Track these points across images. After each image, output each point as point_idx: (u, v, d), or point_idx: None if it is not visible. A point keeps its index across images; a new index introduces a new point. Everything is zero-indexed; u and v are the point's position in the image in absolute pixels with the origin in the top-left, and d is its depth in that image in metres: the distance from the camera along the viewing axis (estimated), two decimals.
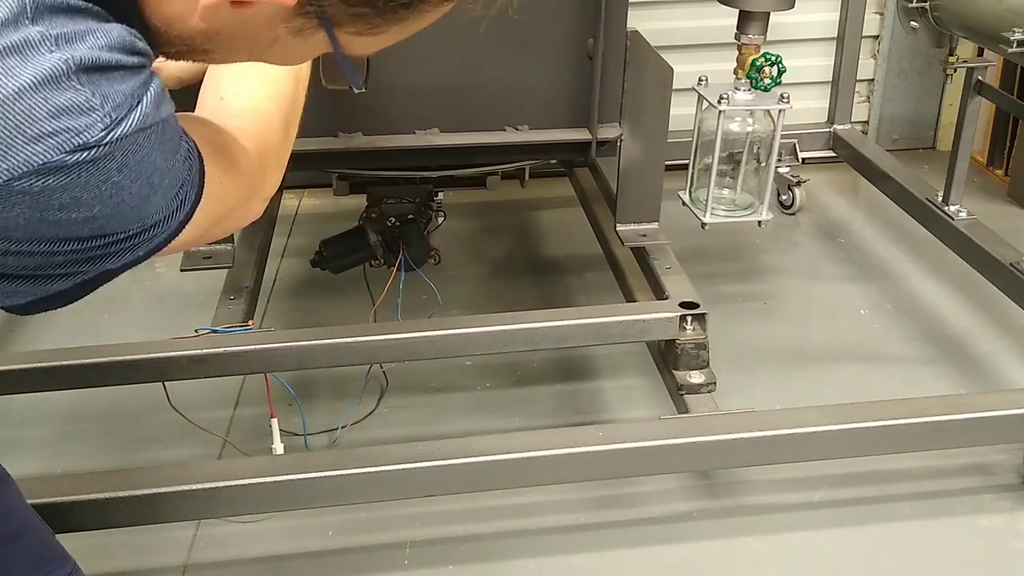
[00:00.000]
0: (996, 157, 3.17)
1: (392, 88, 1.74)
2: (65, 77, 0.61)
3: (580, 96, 1.81)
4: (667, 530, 1.74)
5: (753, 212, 2.10)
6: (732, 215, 2.10)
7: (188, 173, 0.74)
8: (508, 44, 1.75)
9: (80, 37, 0.63)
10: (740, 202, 2.11)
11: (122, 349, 1.72)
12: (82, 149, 0.62)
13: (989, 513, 1.77)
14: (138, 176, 0.67)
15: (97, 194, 0.65)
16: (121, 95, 0.64)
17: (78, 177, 0.63)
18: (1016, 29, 1.92)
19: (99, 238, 0.69)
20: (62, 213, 0.64)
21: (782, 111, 1.98)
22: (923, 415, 1.64)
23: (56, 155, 0.62)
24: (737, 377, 2.01)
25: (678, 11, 2.97)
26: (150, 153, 0.67)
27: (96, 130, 0.63)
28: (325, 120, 1.75)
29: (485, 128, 1.82)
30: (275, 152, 0.98)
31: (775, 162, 2.05)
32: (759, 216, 2.08)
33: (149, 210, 0.70)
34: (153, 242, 0.73)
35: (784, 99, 1.97)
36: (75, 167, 0.63)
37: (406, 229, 2.11)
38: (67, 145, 0.62)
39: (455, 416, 2.05)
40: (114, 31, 0.65)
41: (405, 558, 1.69)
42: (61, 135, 0.62)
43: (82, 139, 0.62)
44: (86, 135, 0.62)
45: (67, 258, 0.69)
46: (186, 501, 1.49)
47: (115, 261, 0.72)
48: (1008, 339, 2.26)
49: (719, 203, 2.08)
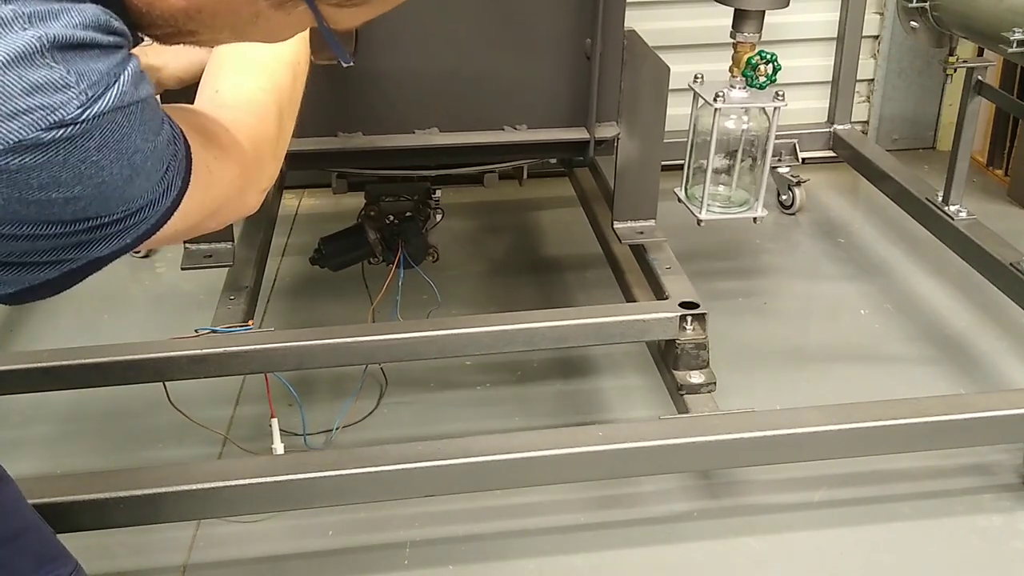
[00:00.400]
0: (996, 157, 3.17)
1: (391, 87, 1.75)
2: (39, 54, 0.61)
3: (578, 95, 1.81)
4: (667, 530, 1.74)
5: (748, 209, 2.11)
6: (728, 212, 2.12)
7: (173, 158, 0.73)
8: (507, 44, 1.76)
9: (54, 15, 0.63)
10: (735, 199, 2.12)
11: (122, 349, 1.72)
12: (58, 126, 0.62)
13: (989, 513, 1.77)
14: (118, 156, 0.66)
15: (76, 173, 0.65)
16: (97, 73, 0.64)
17: (55, 155, 0.63)
18: (1016, 29, 1.92)
19: (83, 221, 0.68)
20: (41, 193, 0.64)
21: (777, 108, 1.98)
22: (923, 415, 1.64)
23: (31, 132, 0.61)
24: (737, 377, 2.01)
25: (675, 11, 2.98)
26: (130, 133, 0.67)
27: (72, 107, 0.62)
28: (325, 120, 1.76)
29: (484, 127, 1.82)
30: (271, 144, 0.98)
31: (770, 159, 2.06)
32: (754, 213, 2.09)
33: (133, 193, 0.70)
34: (140, 228, 0.73)
35: (779, 97, 1.98)
36: (52, 145, 0.62)
37: (405, 227, 2.11)
38: (42, 122, 0.62)
39: (455, 416, 2.05)
40: (89, 10, 0.65)
41: (405, 558, 1.69)
42: (36, 112, 0.61)
43: (57, 116, 0.62)
44: (61, 112, 0.62)
45: (52, 243, 0.69)
46: (186, 501, 1.49)
47: (102, 248, 0.72)
48: (1008, 339, 2.26)
49: (714, 200, 2.10)
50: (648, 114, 1.88)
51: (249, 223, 2.22)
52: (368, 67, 1.71)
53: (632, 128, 1.88)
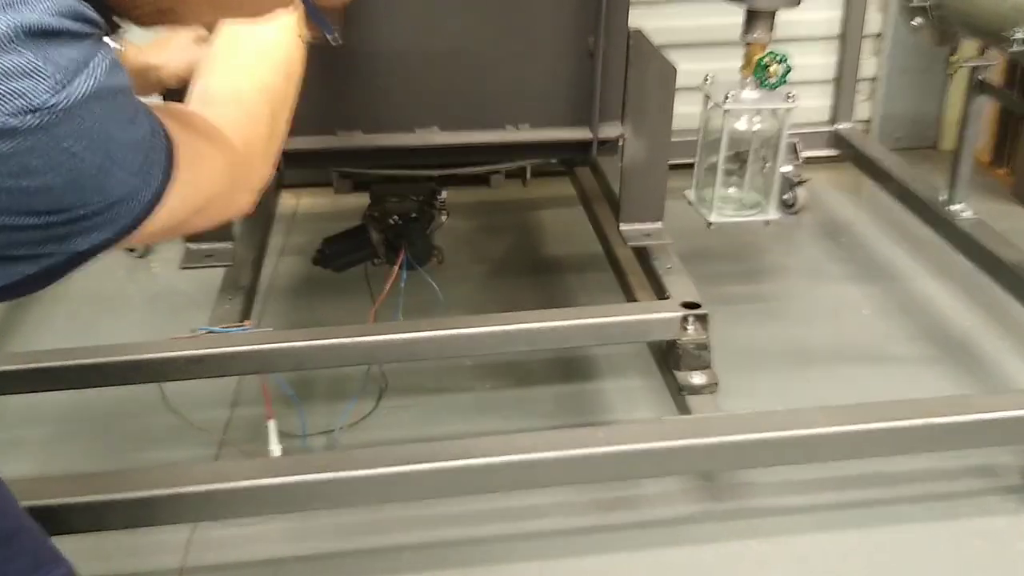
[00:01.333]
0: (1000, 156, 3.16)
1: (391, 85, 1.73)
2: (8, 41, 0.61)
3: (581, 95, 1.80)
4: (670, 532, 1.73)
5: (760, 212, 2.08)
6: (739, 215, 2.08)
7: (152, 149, 0.73)
8: (509, 41, 1.75)
9: (25, 2, 0.63)
10: (747, 202, 2.09)
11: (120, 349, 1.71)
12: (28, 112, 0.62)
13: (994, 515, 1.75)
14: (93, 145, 0.66)
15: (48, 161, 0.64)
16: (69, 60, 0.64)
17: (25, 141, 0.63)
18: (1019, 28, 1.91)
19: (58, 212, 0.68)
20: (13, 181, 0.64)
21: (788, 110, 1.96)
22: (927, 416, 1.62)
23: (1, 118, 0.61)
24: (739, 378, 2.00)
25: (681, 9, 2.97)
26: (105, 122, 0.66)
27: (41, 93, 0.62)
28: (324, 117, 1.75)
29: (485, 126, 1.81)
30: (262, 142, 0.97)
31: (782, 161, 2.03)
32: (766, 216, 2.06)
33: (110, 183, 0.69)
34: (120, 222, 0.72)
35: (790, 98, 1.96)
36: (23, 132, 0.62)
37: (409, 228, 2.10)
38: (11, 107, 0.61)
39: (455, 417, 2.04)
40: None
41: (404, 561, 1.67)
42: (5, 98, 0.61)
43: (26, 102, 0.62)
44: (30, 98, 0.62)
45: (30, 236, 0.68)
46: (183, 503, 1.48)
47: (82, 241, 0.71)
48: (1012, 339, 2.25)
49: (726, 203, 2.06)
50: (654, 115, 1.86)
51: (247, 223, 2.21)
52: (368, 64, 1.70)
53: (638, 129, 1.87)
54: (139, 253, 2.68)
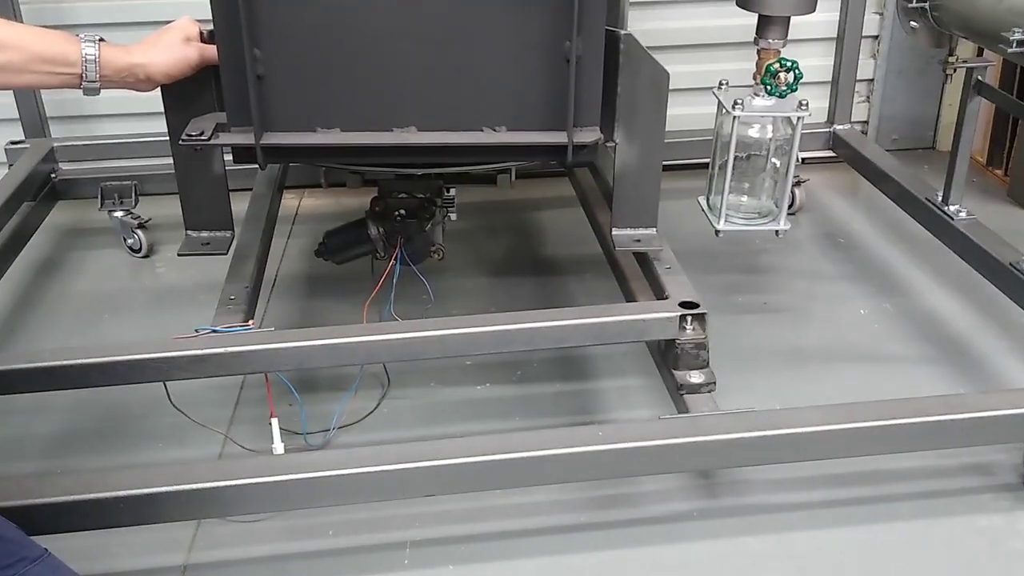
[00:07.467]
0: (996, 157, 3.17)
1: (369, 83, 1.72)
2: None
3: (559, 99, 1.77)
4: (667, 530, 1.74)
5: (771, 220, 2.02)
6: (749, 223, 2.03)
7: None
8: (485, 43, 1.72)
9: None
10: (758, 209, 2.05)
11: (122, 349, 1.71)
12: None
13: (989, 513, 1.77)
14: None
15: None
16: None
17: None
18: (1016, 29, 1.92)
19: None
20: None
21: (800, 118, 1.91)
22: (923, 415, 1.64)
23: None
24: (737, 377, 2.01)
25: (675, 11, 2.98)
26: None
27: None
28: (304, 114, 1.74)
29: (462, 127, 1.79)
30: None
31: (793, 170, 1.98)
32: (777, 225, 2.00)
33: None
34: None
35: (803, 106, 1.91)
36: None
37: (405, 224, 2.11)
38: None
39: (455, 416, 2.05)
40: None
41: (405, 558, 1.69)
42: None
43: None
44: None
45: None
46: (186, 501, 1.49)
47: None
48: (1008, 339, 2.27)
49: (736, 210, 2.02)
50: (647, 120, 1.85)
51: (249, 222, 2.23)
52: (346, 62, 1.70)
53: (631, 135, 1.86)
54: (143, 253, 2.70)
